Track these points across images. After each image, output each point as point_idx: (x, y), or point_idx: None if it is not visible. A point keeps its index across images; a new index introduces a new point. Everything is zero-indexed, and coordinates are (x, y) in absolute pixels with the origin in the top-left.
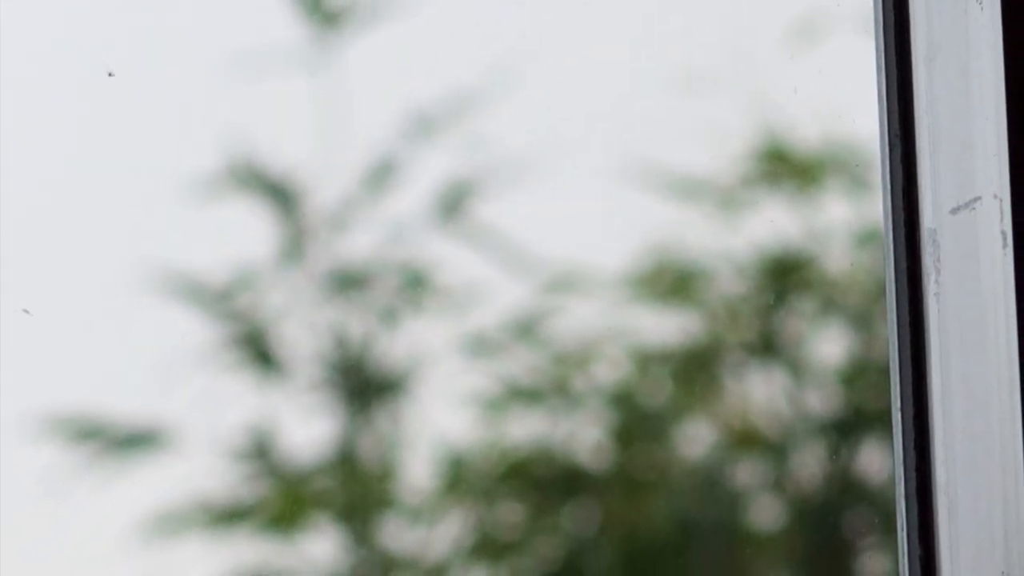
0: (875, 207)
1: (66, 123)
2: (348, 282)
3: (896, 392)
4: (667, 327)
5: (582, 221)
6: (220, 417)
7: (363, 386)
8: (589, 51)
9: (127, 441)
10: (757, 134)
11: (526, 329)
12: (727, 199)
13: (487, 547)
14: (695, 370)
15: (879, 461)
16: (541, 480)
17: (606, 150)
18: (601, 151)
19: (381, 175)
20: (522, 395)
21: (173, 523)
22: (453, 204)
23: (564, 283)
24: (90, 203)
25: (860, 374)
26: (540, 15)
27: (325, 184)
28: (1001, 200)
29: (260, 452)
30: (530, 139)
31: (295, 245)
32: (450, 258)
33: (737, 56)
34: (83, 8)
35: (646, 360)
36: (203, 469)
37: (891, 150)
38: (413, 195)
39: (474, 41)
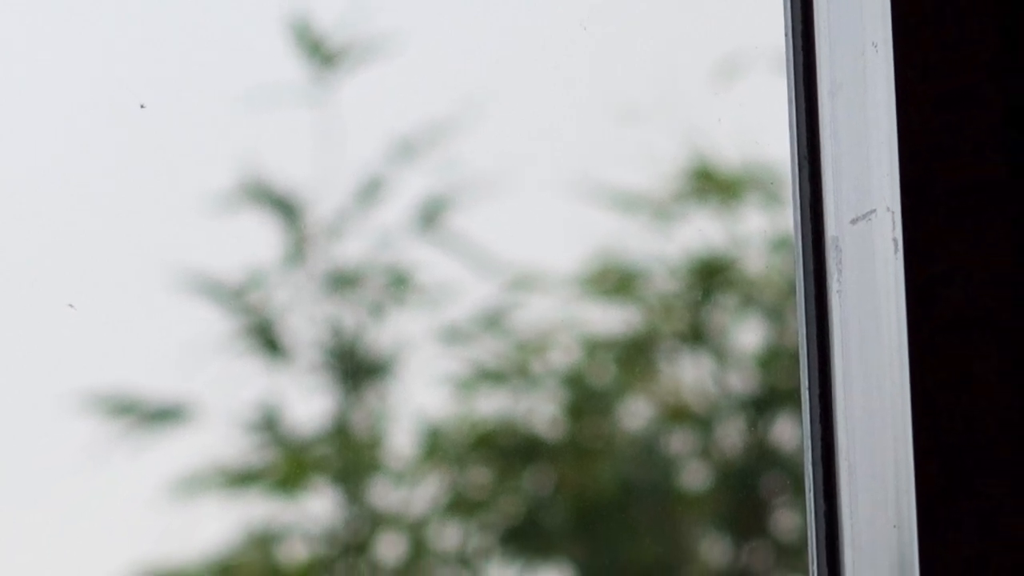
0: (786, 218)
1: (106, 148)
2: (342, 281)
3: (804, 374)
4: (611, 319)
5: (539, 230)
6: (234, 395)
7: (355, 369)
8: (545, 87)
9: (156, 415)
10: (687, 157)
11: (492, 321)
12: (661, 211)
13: (459, 505)
14: (635, 355)
15: (790, 432)
16: (505, 448)
17: (559, 170)
18: (555, 171)
19: (370, 191)
20: (489, 377)
21: (195, 484)
22: (431, 216)
23: (524, 282)
24: (125, 214)
25: (774, 359)
26: (503, 56)
27: (323, 199)
28: (893, 212)
29: (268, 424)
30: (495, 161)
31: (297, 250)
32: (428, 261)
33: (670, 91)
34: (119, 51)
35: (594, 347)
36: (220, 439)
37: (800, 170)
38: (397, 208)
39: (448, 79)
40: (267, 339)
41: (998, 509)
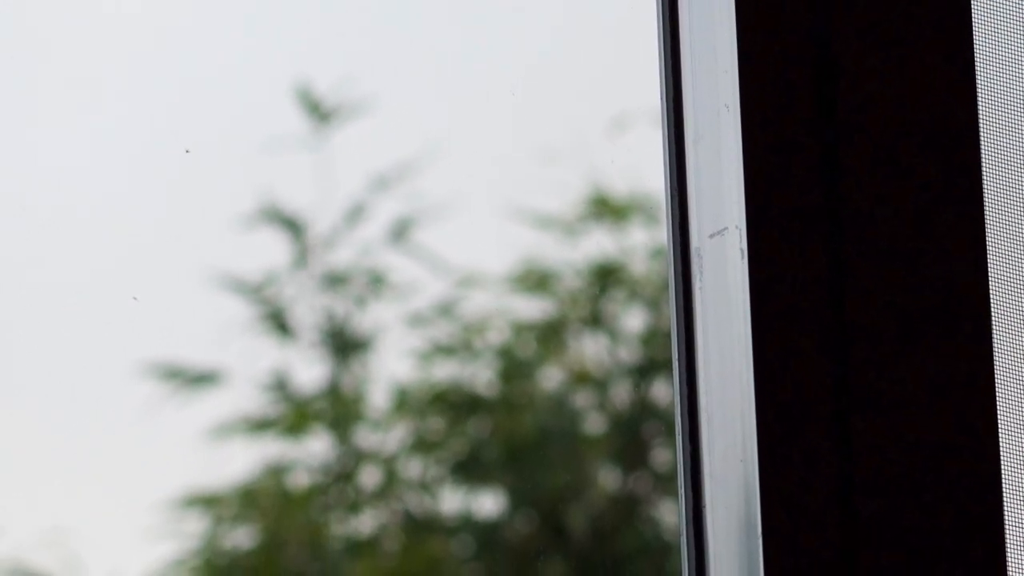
0: (662, 234)
1: (159, 182)
2: (335, 281)
3: (675, 348)
4: (532, 308)
5: (479, 243)
6: (254, 364)
7: (344, 345)
8: (484, 136)
9: (197, 379)
10: (589, 188)
11: (445, 310)
12: (569, 229)
13: (420, 446)
14: (550, 335)
15: (664, 391)
16: (454, 404)
17: (494, 198)
18: (491, 199)
19: (355, 214)
20: (442, 351)
21: (225, 431)
22: (400, 232)
23: (468, 281)
24: (175, 232)
25: (652, 337)
26: (453, 113)
27: (320, 220)
28: (740, 229)
29: (279, 386)
30: (447, 192)
31: (301, 258)
32: (398, 266)
33: (576, 140)
34: (169, 110)
35: (519, 329)
36: (243, 397)
37: (671, 198)
38: (375, 226)
39: (412, 131)
40: (278, 323)
41: (817, 448)
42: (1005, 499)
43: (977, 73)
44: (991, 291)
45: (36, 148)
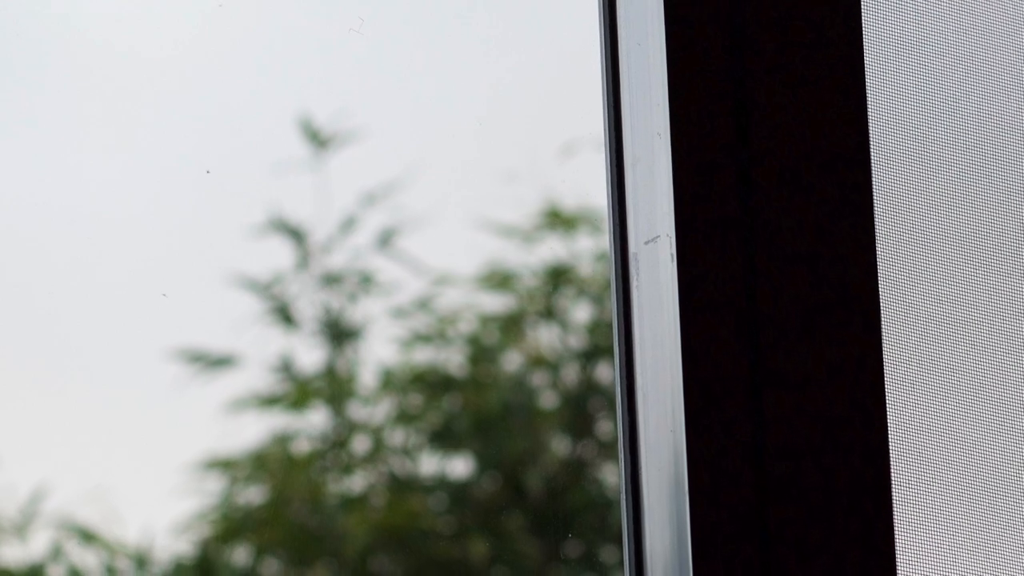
0: (604, 241)
1: (185, 198)
2: (332, 280)
3: (616, 337)
4: (496, 303)
5: (452, 248)
6: (264, 350)
7: (339, 334)
8: (456, 160)
9: (216, 362)
10: (543, 203)
11: (423, 304)
12: (528, 237)
13: (402, 418)
14: (511, 325)
15: (607, 372)
16: (431, 382)
17: (464, 211)
18: (462, 212)
19: (348, 224)
20: (421, 338)
21: (240, 405)
22: (385, 239)
23: (443, 280)
24: (198, 239)
25: (597, 328)
26: (430, 141)
27: (319, 229)
28: (670, 237)
29: (285, 368)
30: (425, 206)
31: (303, 261)
32: (384, 268)
33: (533, 162)
34: (191, 138)
35: (486, 320)
36: (256, 377)
37: (613, 211)
38: (364, 235)
39: (396, 155)
40: (285, 315)
41: (734, 419)
42: (892, 461)
43: (868, 107)
44: (880, 288)
45: (85, 171)
